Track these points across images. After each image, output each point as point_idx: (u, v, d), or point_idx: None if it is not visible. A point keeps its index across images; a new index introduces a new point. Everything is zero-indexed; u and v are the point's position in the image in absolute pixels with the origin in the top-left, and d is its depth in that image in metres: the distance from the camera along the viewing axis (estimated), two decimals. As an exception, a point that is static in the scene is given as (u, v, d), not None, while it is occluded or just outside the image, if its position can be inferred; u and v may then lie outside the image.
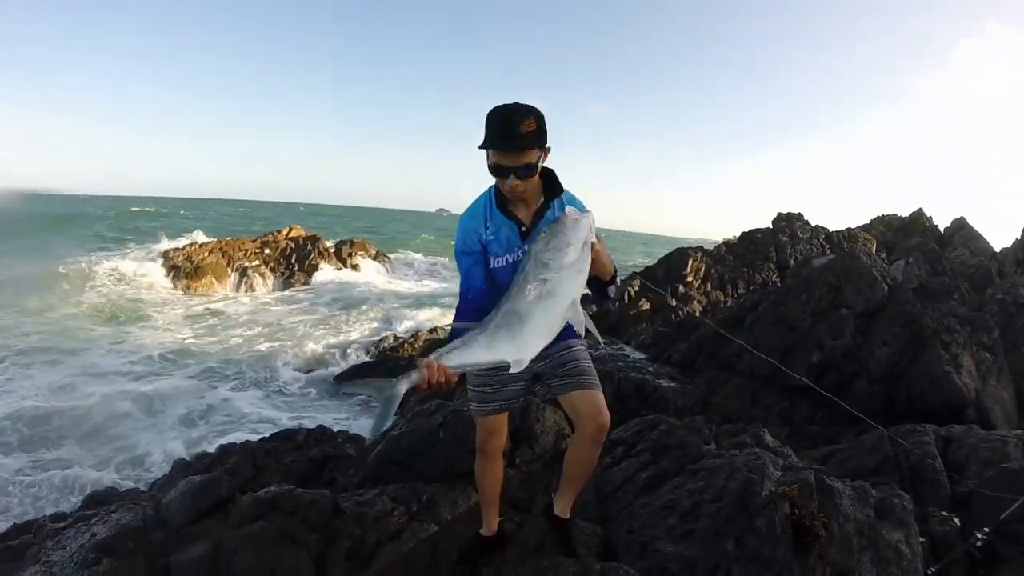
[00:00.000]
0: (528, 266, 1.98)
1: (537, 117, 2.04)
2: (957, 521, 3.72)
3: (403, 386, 1.97)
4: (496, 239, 2.24)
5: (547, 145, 2.11)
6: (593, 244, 2.01)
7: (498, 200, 2.22)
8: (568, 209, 2.00)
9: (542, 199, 2.26)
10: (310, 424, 7.94)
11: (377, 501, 3.44)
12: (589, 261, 2.00)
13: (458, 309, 2.29)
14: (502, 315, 1.99)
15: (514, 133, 2.00)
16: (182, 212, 62.55)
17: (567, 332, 2.34)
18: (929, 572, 3.13)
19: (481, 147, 2.07)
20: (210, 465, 5.79)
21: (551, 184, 2.26)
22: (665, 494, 3.18)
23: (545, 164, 2.18)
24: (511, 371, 2.00)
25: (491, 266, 2.25)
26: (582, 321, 2.05)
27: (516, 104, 2.04)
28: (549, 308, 1.98)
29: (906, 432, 4.78)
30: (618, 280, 2.28)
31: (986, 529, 3.44)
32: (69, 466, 8.07)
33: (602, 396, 2.37)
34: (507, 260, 2.23)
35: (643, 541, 2.82)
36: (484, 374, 2.41)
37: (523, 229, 2.24)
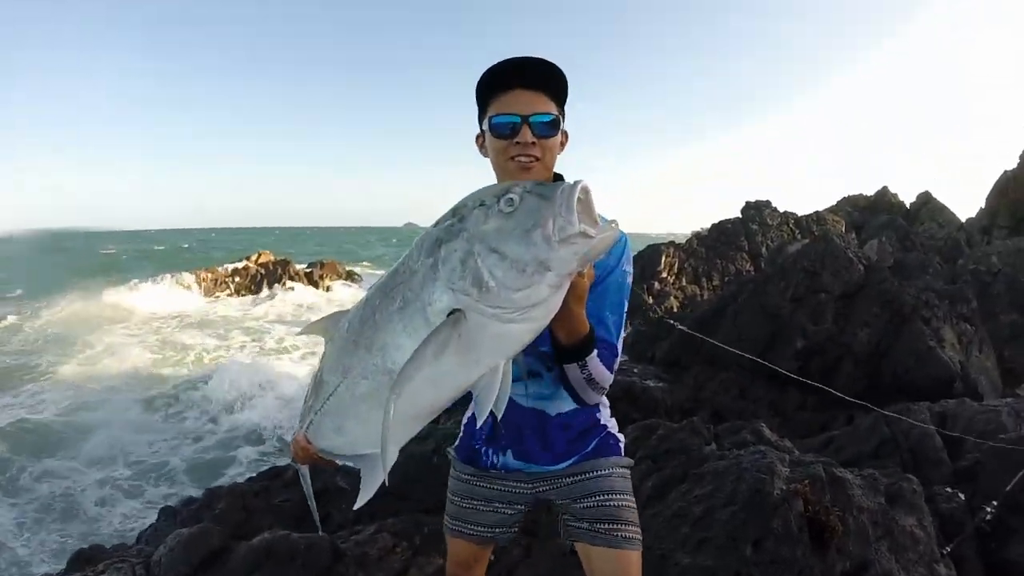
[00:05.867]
0: (442, 268, 1.02)
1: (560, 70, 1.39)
2: (962, 497, 3.71)
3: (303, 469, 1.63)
4: None
5: (564, 122, 1.42)
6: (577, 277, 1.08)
7: None
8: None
9: None
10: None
11: (378, 539, 3.32)
12: (559, 303, 1.07)
13: None
14: (364, 368, 1.15)
15: (530, 61, 1.36)
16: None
17: (601, 446, 1.58)
18: (944, 552, 3.09)
19: (480, 123, 1.45)
20: (197, 511, 5.59)
21: None
22: (674, 502, 3.10)
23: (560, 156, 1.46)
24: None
25: None
26: (497, 394, 1.08)
27: None
28: (456, 370, 1.07)
29: (900, 412, 4.77)
30: (593, 353, 1.30)
31: (994, 503, 3.42)
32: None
33: (636, 561, 1.51)
34: None
35: (659, 555, 2.73)
36: (461, 480, 1.69)
37: None
